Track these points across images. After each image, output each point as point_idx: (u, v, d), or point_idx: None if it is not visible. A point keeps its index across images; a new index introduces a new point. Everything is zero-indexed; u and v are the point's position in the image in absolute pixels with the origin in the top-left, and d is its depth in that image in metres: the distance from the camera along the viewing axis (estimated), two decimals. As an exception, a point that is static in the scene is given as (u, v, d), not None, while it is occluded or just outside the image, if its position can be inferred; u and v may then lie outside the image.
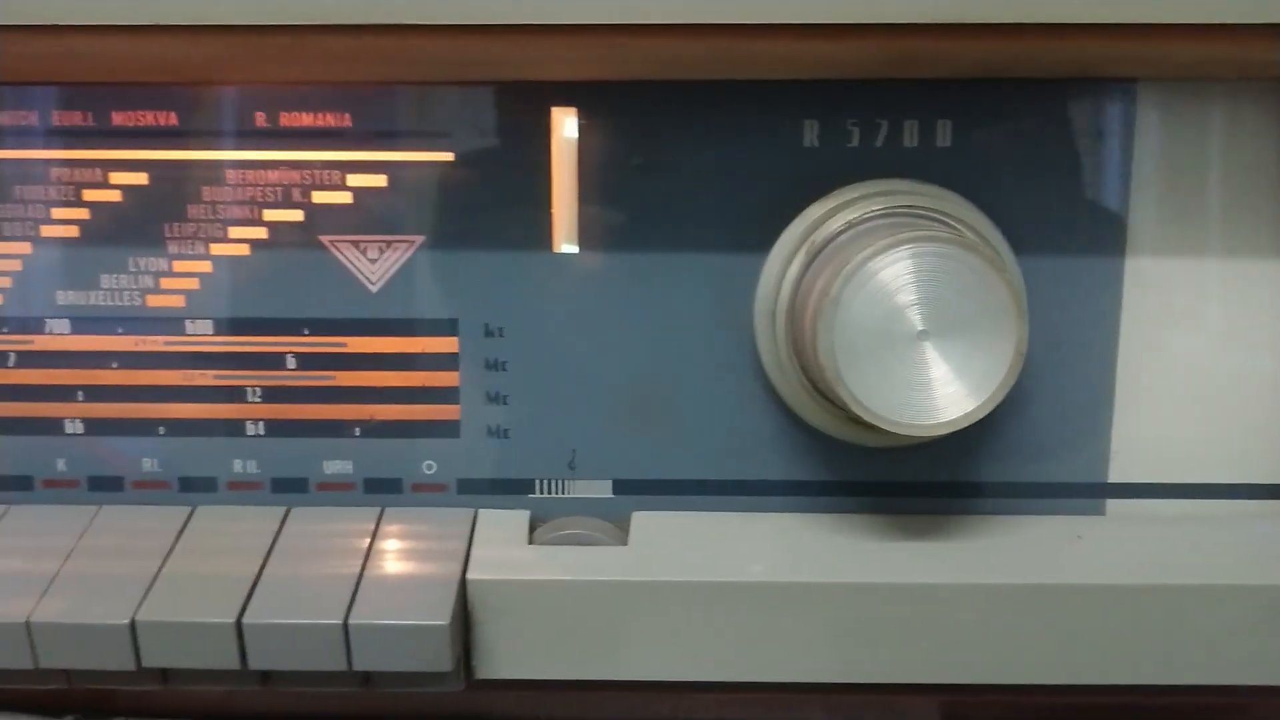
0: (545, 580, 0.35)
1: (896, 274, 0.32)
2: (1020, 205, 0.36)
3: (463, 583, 0.35)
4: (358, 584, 0.34)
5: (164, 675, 0.34)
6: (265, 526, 0.37)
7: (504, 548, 0.36)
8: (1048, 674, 0.37)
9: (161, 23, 0.33)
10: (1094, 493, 0.38)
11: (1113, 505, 0.38)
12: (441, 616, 0.33)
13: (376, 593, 0.34)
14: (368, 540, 0.36)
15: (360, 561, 0.35)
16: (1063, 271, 0.36)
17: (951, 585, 0.36)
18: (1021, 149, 0.36)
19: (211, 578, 0.35)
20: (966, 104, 0.36)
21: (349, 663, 0.34)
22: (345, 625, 0.33)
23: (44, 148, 0.36)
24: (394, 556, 0.36)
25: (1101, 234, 0.36)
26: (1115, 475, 0.38)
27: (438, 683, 0.35)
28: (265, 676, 0.35)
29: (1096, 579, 0.36)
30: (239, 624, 0.33)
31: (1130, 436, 0.37)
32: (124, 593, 0.34)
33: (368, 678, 0.35)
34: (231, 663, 0.34)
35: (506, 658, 0.36)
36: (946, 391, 0.32)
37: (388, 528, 0.37)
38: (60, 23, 0.33)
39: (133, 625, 0.33)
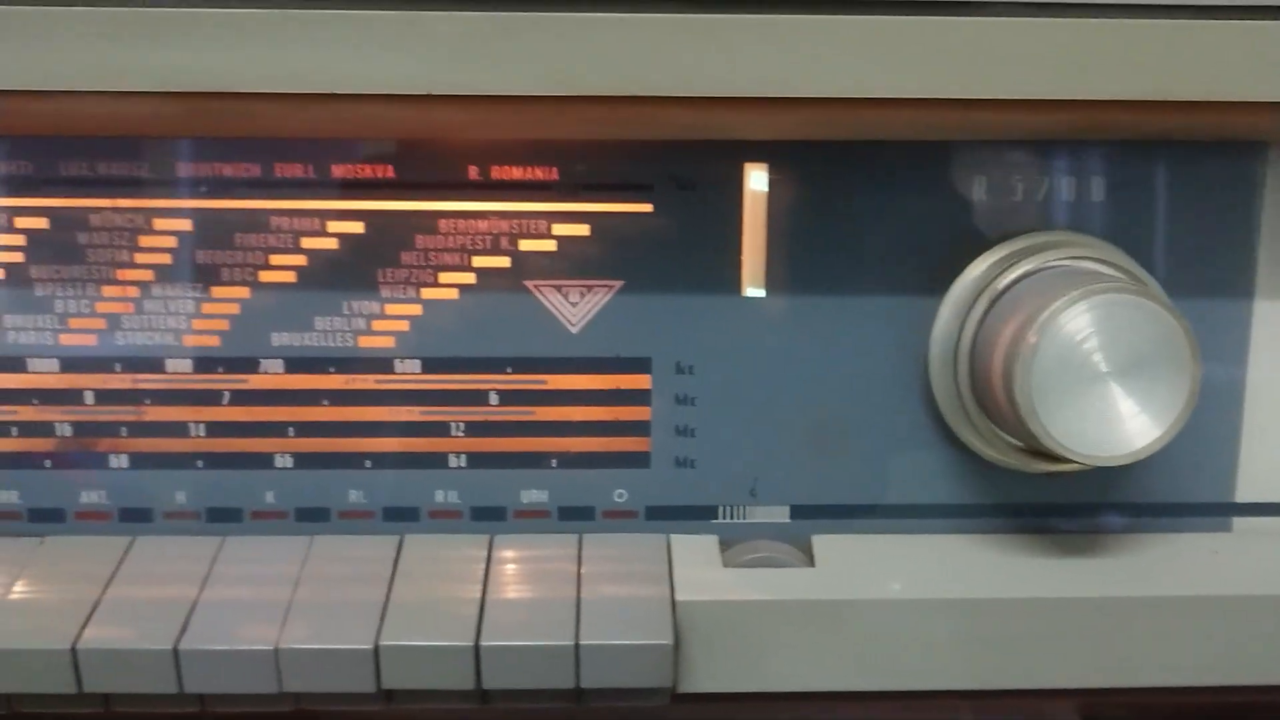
0: (744, 600, 0.38)
1: (1085, 321, 0.35)
2: (1163, 251, 0.40)
3: (672, 604, 0.38)
4: (578, 607, 0.37)
5: (391, 696, 0.36)
6: (473, 553, 0.39)
7: (702, 570, 0.39)
8: (1181, 676, 0.40)
9: (400, 93, 0.35)
10: (1222, 511, 0.42)
11: (1239, 523, 0.42)
12: (665, 636, 0.36)
13: (598, 615, 0.37)
14: (575, 565, 0.39)
15: (574, 586, 0.38)
16: (1199, 310, 0.40)
17: (1102, 598, 0.39)
18: (1165, 202, 0.40)
19: (439, 601, 0.37)
20: (1118, 163, 0.39)
21: (577, 680, 0.36)
22: (576, 646, 0.36)
23: (266, 198, 0.39)
24: (604, 580, 0.38)
25: (1233, 276, 0.40)
26: (1242, 495, 0.42)
27: (648, 698, 0.38)
28: (485, 695, 0.37)
29: (1235, 590, 0.40)
30: (476, 647, 0.36)
31: (1256, 460, 0.41)
32: (363, 617, 0.36)
33: (582, 694, 0.38)
34: (467, 683, 0.36)
35: (707, 673, 0.38)
36: (1132, 425, 0.35)
37: (590, 552, 0.39)
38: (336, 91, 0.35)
39: (376, 651, 0.35)
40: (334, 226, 0.39)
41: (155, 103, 0.34)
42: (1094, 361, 0.35)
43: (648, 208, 0.39)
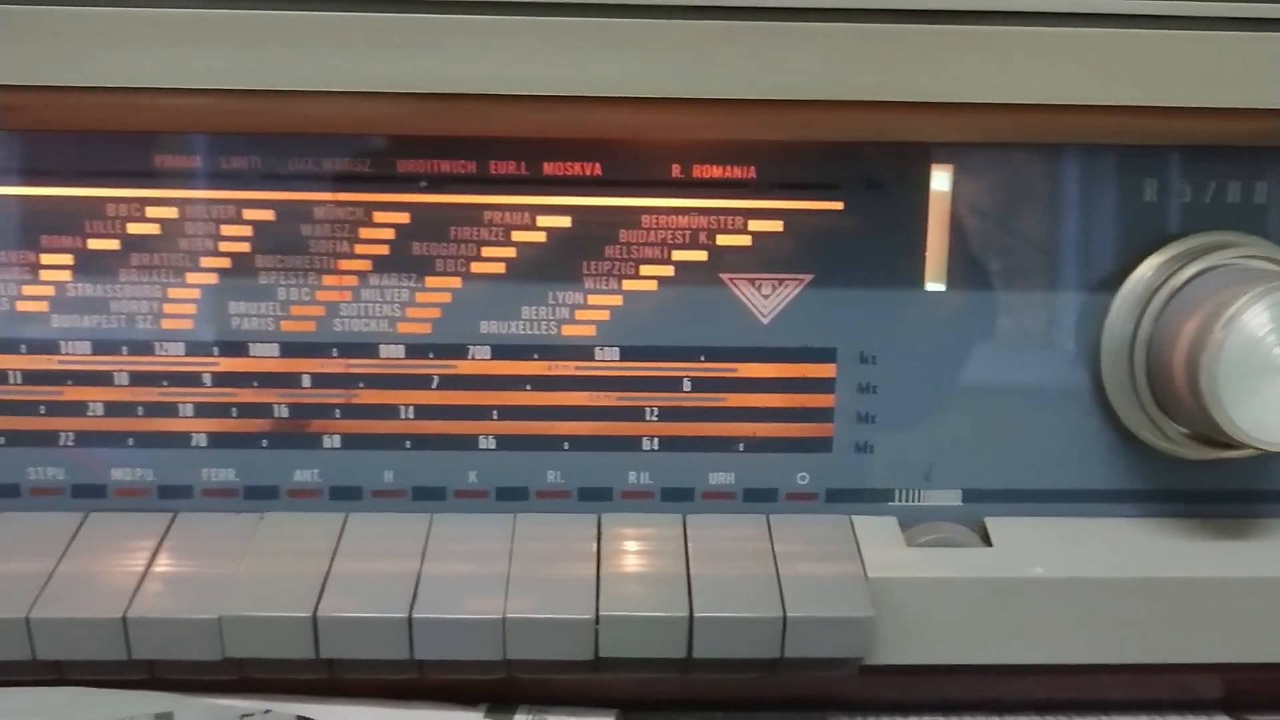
0: (930, 578, 0.40)
1: (1266, 318, 0.37)
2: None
3: (865, 580, 0.40)
4: (779, 581, 0.39)
5: (604, 664, 0.38)
6: (668, 531, 0.42)
7: (888, 550, 0.41)
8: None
9: (597, 95, 0.37)
10: (1366, 498, 0.45)
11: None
12: (866, 610, 0.38)
13: (799, 589, 0.39)
14: (768, 544, 0.41)
15: (772, 562, 0.40)
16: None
17: (1255, 578, 0.41)
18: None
19: (649, 576, 0.39)
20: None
21: (781, 650, 0.38)
22: (784, 619, 0.38)
23: (480, 193, 0.41)
24: (798, 558, 0.40)
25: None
26: (1385, 483, 0.45)
27: (839, 668, 0.40)
28: (691, 664, 0.39)
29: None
30: (690, 619, 0.38)
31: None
32: (580, 590, 0.38)
33: (780, 664, 0.40)
34: (679, 651, 0.38)
35: (893, 646, 0.40)
36: (1310, 415, 0.38)
37: (780, 532, 0.41)
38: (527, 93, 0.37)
39: (596, 621, 0.37)
40: (543, 221, 0.41)
41: (394, 103, 0.36)
42: (1275, 354, 0.38)
43: (838, 206, 0.41)
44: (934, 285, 0.42)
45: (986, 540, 0.42)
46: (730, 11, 0.37)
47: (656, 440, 0.42)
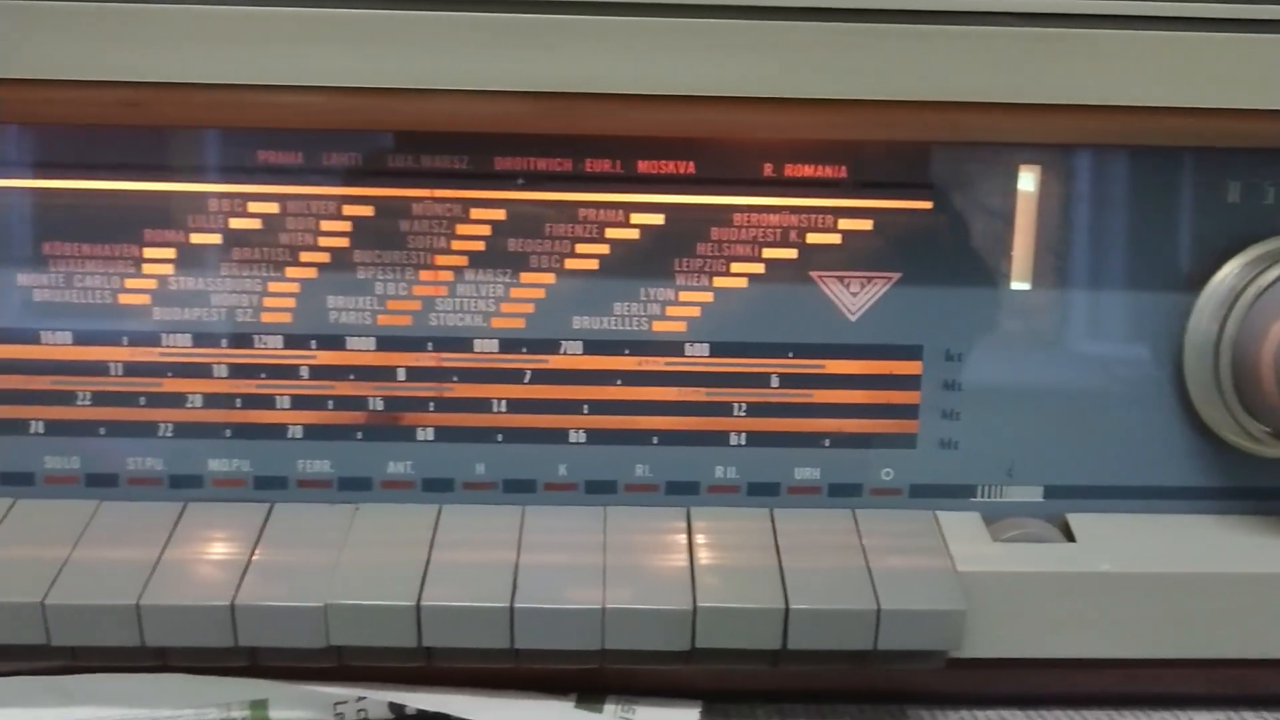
0: (1017, 572, 0.41)
1: (1356, 316, 0.38)
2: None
3: (955, 574, 0.41)
4: (871, 574, 0.40)
5: (698, 655, 0.39)
6: (755, 525, 0.42)
7: (974, 544, 0.42)
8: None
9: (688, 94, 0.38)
10: None
11: None
12: (959, 603, 0.39)
13: (891, 583, 0.39)
14: (856, 538, 0.42)
15: (862, 556, 0.41)
16: None
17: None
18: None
19: (742, 569, 0.40)
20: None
21: (875, 642, 0.39)
22: (878, 611, 0.39)
23: (576, 191, 0.41)
24: (887, 552, 0.41)
25: None
26: None
27: (928, 661, 0.40)
28: (781, 656, 0.39)
29: None
30: (786, 611, 0.38)
31: None
32: (676, 582, 0.39)
33: (872, 656, 0.40)
34: (774, 643, 0.39)
35: (979, 640, 0.41)
36: (1398, 414, 0.38)
37: (866, 526, 0.42)
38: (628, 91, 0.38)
39: (694, 614, 0.38)
40: (637, 218, 0.41)
41: (511, 102, 0.37)
42: (1364, 354, 0.38)
43: (927, 205, 0.42)
44: (1019, 284, 0.42)
45: (1069, 536, 0.43)
46: (827, 14, 0.38)
47: (744, 435, 0.43)
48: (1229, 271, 0.42)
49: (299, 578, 0.39)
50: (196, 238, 0.41)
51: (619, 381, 0.43)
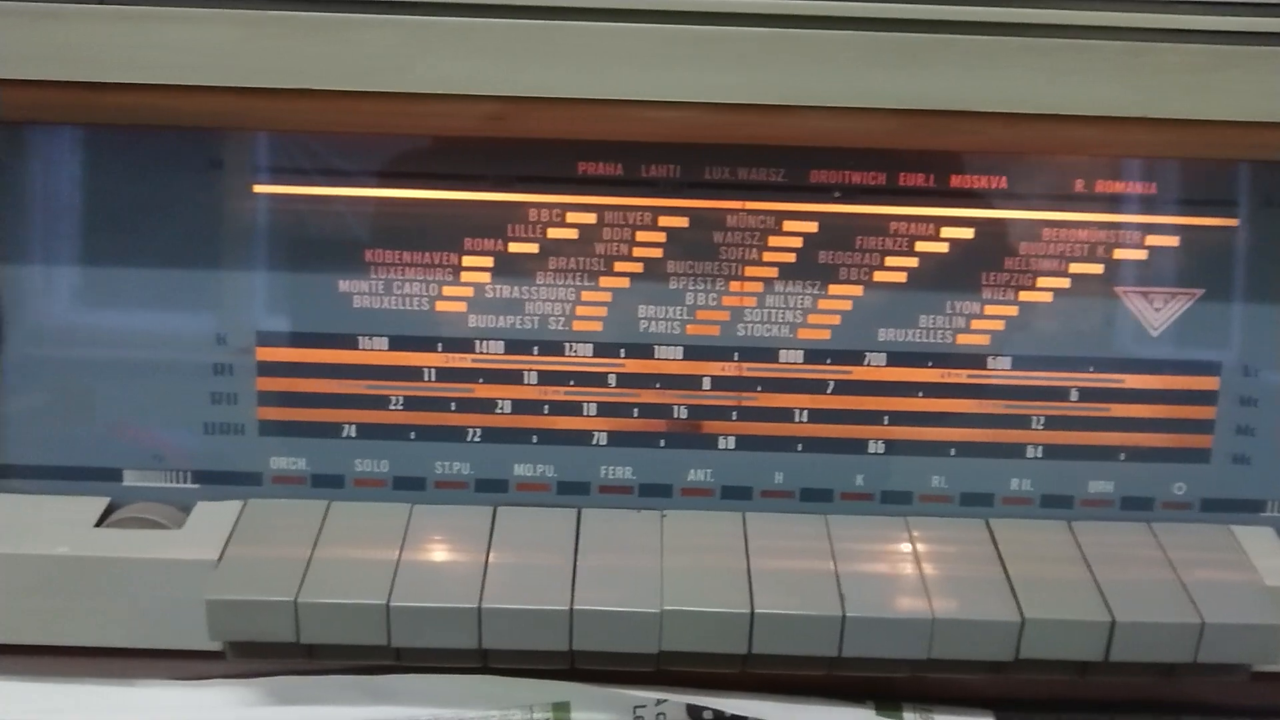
0: (1320, 588, 0.42)
1: None
2: None
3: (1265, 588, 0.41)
4: (1185, 588, 0.40)
5: (1006, 667, 0.39)
6: (1058, 537, 0.42)
7: (1272, 559, 0.42)
8: None
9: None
10: None
11: None
12: (1276, 617, 0.39)
13: (1210, 596, 0.39)
14: (1159, 551, 0.42)
15: (1170, 569, 0.41)
16: None
17: None
18: None
19: (1057, 582, 0.40)
20: None
21: (1195, 656, 0.39)
22: (1201, 625, 0.39)
23: (888, 204, 0.41)
24: (1196, 565, 0.41)
25: None
26: None
27: (1231, 674, 0.41)
28: (1087, 668, 0.40)
29: None
30: (1111, 624, 0.39)
31: None
32: (1001, 595, 0.39)
33: (1174, 669, 0.41)
34: (1095, 654, 0.39)
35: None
36: None
37: (1166, 540, 0.42)
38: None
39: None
40: (947, 232, 0.42)
41: (878, 119, 0.37)
42: None
43: (1233, 222, 0.42)
44: (1319, 300, 0.43)
45: (1360, 552, 0.44)
46: (1163, 34, 0.38)
47: (1040, 448, 0.43)
48: None
49: (625, 583, 0.39)
50: (515, 247, 0.42)
51: (920, 393, 0.43)
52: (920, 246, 0.42)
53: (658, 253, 0.42)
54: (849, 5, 0.36)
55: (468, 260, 0.41)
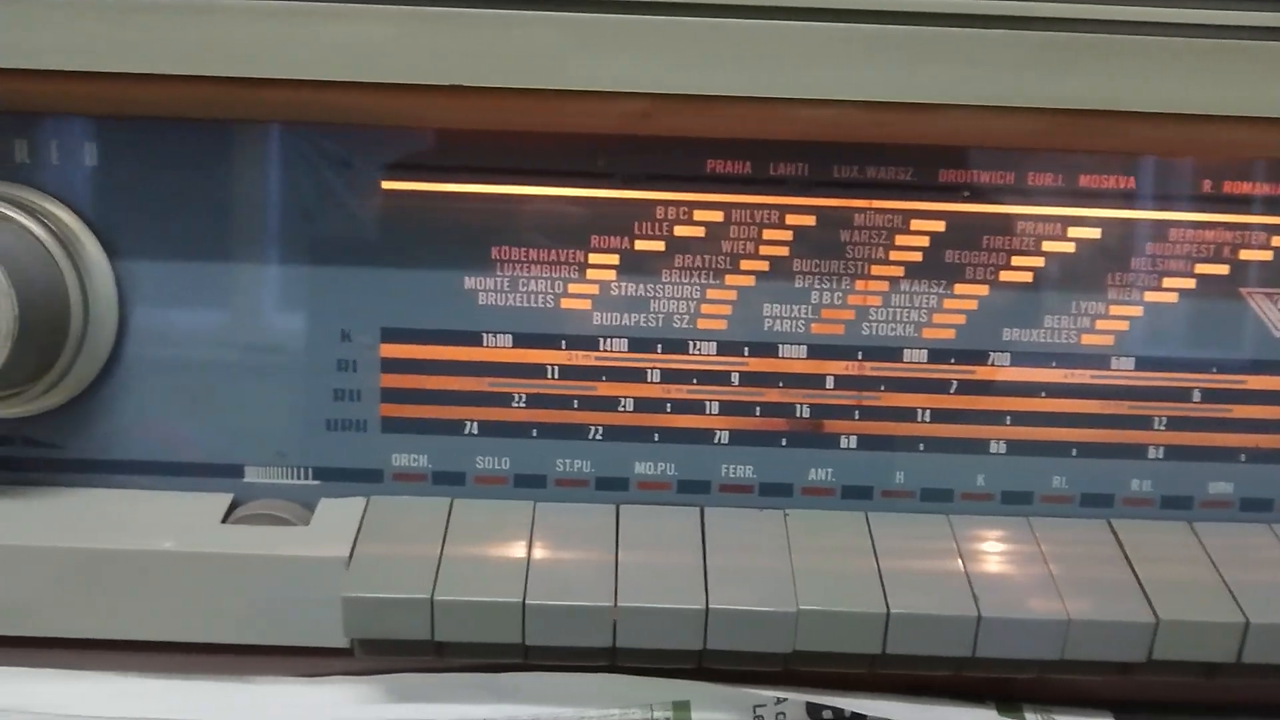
0: None
1: None
2: None
3: (1390, 591, 0.41)
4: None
5: (1133, 668, 0.39)
6: (1181, 539, 0.42)
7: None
8: None
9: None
10: None
11: None
12: None
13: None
14: (1283, 552, 0.42)
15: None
16: None
17: None
18: None
19: (1188, 584, 0.40)
20: None
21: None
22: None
23: (1015, 204, 0.41)
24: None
25: None
26: None
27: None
28: (1215, 670, 0.40)
29: None
30: (1245, 625, 0.39)
31: None
32: (1135, 597, 0.39)
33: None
34: (1227, 656, 0.39)
35: None
36: None
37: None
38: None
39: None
40: (1074, 232, 0.42)
41: (1026, 119, 0.37)
42: None
43: (1360, 224, 0.42)
44: None
45: None
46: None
47: (1161, 449, 0.43)
48: None
49: (764, 583, 0.39)
50: (641, 244, 0.41)
51: (1043, 393, 0.43)
52: (1047, 246, 0.42)
53: (784, 251, 0.42)
54: (1002, 5, 0.36)
55: (594, 258, 0.41)
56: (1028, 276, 0.42)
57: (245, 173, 0.40)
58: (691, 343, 0.42)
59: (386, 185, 0.41)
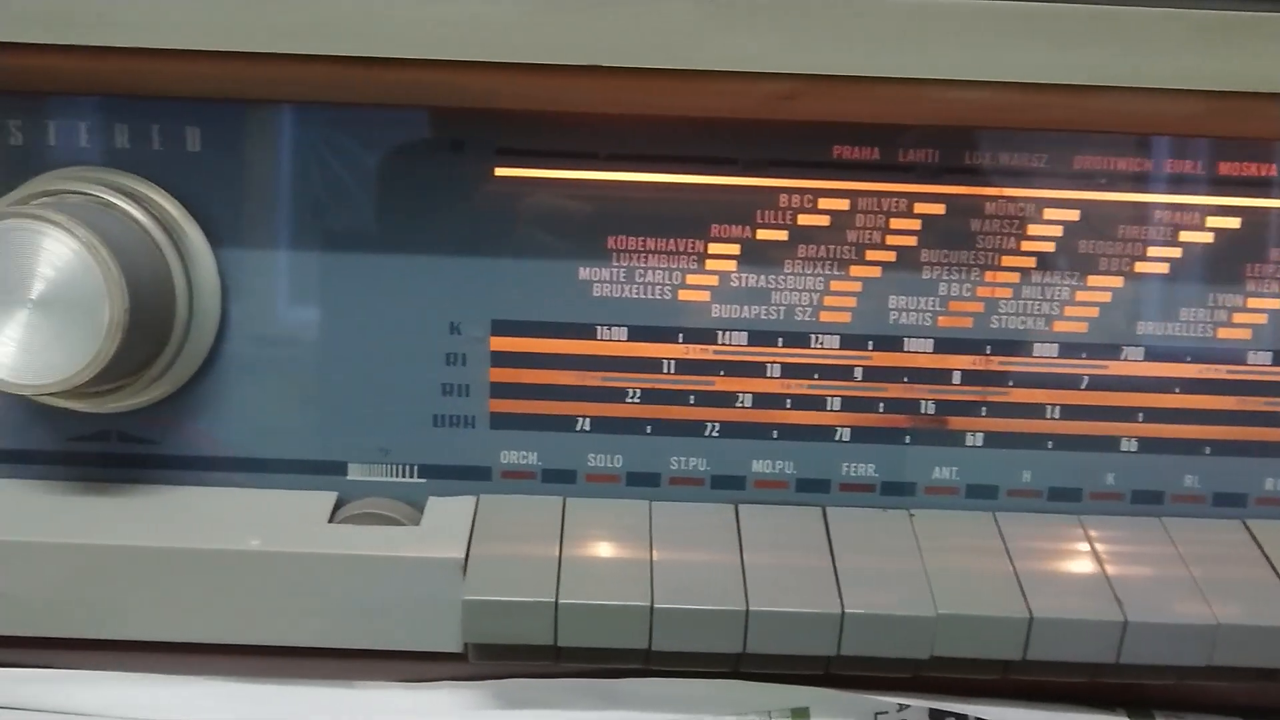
0: None
1: None
2: None
3: None
4: None
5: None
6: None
7: None
8: None
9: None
10: None
11: None
12: None
13: None
14: None
15: None
16: None
17: None
18: None
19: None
20: None
21: None
22: None
23: (1150, 192, 0.40)
24: None
25: None
26: None
27: None
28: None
29: None
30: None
31: None
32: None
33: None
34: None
35: None
36: None
37: None
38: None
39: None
40: (1212, 221, 0.40)
41: (1186, 101, 0.35)
42: None
43: None
44: None
45: None
46: None
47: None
48: None
49: (893, 585, 0.38)
50: (763, 234, 0.40)
51: (1177, 389, 0.41)
52: (1184, 236, 0.40)
53: (912, 241, 0.40)
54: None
55: (713, 248, 0.40)
56: (1163, 268, 0.40)
57: (352, 159, 0.39)
58: (813, 336, 0.41)
59: (499, 171, 0.39)
